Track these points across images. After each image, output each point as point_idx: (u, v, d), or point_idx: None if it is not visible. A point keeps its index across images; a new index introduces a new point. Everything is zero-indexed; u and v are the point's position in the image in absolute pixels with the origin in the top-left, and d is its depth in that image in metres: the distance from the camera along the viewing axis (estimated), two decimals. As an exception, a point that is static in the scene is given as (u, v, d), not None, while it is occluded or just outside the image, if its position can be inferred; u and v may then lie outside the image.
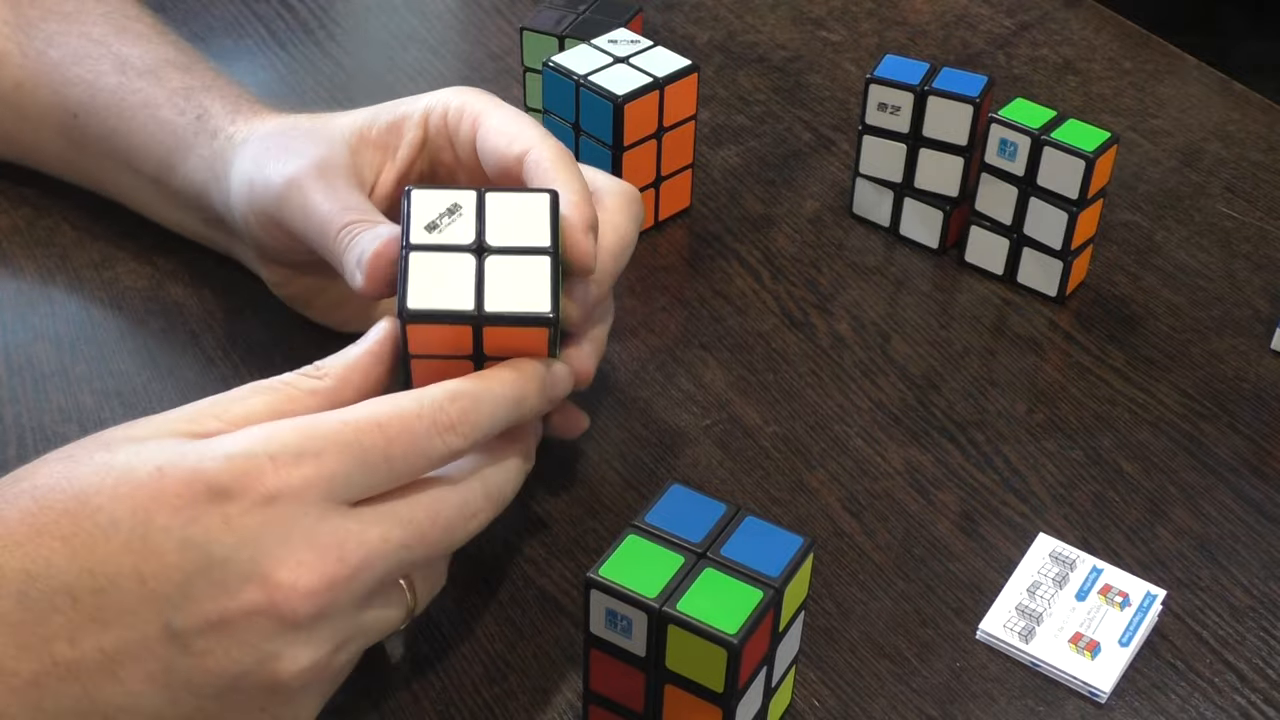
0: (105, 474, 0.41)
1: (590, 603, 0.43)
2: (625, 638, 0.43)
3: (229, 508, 0.40)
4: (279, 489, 0.41)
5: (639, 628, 0.42)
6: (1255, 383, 0.62)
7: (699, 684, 0.43)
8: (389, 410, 0.43)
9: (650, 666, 0.43)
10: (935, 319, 0.65)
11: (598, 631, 0.44)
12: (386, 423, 0.43)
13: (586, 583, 0.43)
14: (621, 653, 0.43)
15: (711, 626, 0.41)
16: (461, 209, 0.48)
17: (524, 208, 0.48)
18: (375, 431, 0.42)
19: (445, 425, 0.44)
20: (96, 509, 0.40)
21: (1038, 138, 0.63)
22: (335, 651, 0.42)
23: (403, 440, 0.43)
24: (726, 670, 0.41)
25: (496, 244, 0.47)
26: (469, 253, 0.47)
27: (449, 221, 0.47)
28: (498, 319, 0.46)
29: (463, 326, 0.46)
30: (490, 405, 0.45)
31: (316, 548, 0.41)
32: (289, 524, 0.41)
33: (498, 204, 0.48)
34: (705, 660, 0.42)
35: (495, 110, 0.54)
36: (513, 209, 0.48)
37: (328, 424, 0.42)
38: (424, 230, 0.47)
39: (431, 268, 0.46)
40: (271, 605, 0.40)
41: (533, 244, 0.47)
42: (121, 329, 0.62)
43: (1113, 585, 0.53)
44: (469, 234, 0.47)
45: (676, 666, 0.43)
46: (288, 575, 0.40)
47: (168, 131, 0.60)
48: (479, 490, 0.45)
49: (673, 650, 0.42)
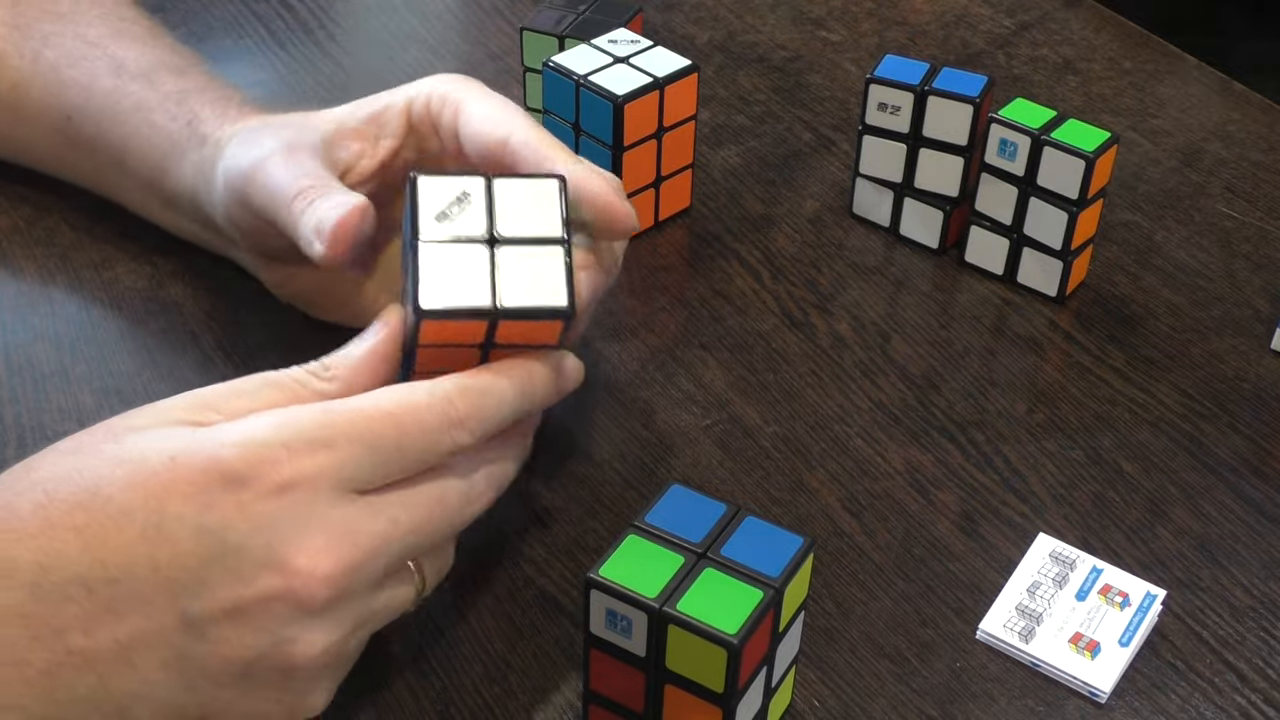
0: (116, 464, 0.41)
1: (590, 603, 0.43)
2: (625, 638, 0.43)
3: (244, 495, 0.40)
4: (294, 477, 0.41)
5: (639, 628, 0.42)
6: (1255, 383, 0.62)
7: (699, 684, 0.43)
8: (403, 403, 0.44)
9: (650, 666, 0.43)
10: (935, 319, 0.65)
11: (598, 631, 0.44)
12: (400, 415, 0.43)
13: (587, 583, 0.43)
14: (621, 653, 0.43)
15: (712, 626, 0.41)
16: (470, 197, 0.47)
17: (533, 194, 0.48)
18: (389, 423, 0.43)
19: (454, 420, 0.44)
20: (108, 499, 0.40)
21: (1038, 138, 0.63)
22: (349, 635, 0.43)
23: (414, 433, 0.43)
24: (727, 670, 0.41)
25: (508, 234, 0.47)
26: (481, 244, 0.46)
27: (459, 211, 0.47)
28: (514, 314, 0.45)
29: (478, 322, 0.46)
30: (497, 401, 0.46)
31: (331, 534, 0.41)
32: (304, 511, 0.41)
33: (506, 191, 0.48)
34: (705, 660, 0.42)
35: (477, 96, 0.54)
36: (522, 196, 0.48)
37: (342, 414, 0.43)
38: (434, 221, 0.47)
39: (442, 261, 0.46)
40: (289, 591, 0.41)
41: (545, 234, 0.47)
42: (121, 329, 0.62)
43: (1113, 585, 0.53)
44: (480, 225, 0.47)
45: (677, 666, 0.43)
46: (305, 561, 0.41)
47: (161, 136, 0.60)
48: (482, 476, 0.46)
49: (673, 650, 0.42)
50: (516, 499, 0.55)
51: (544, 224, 0.47)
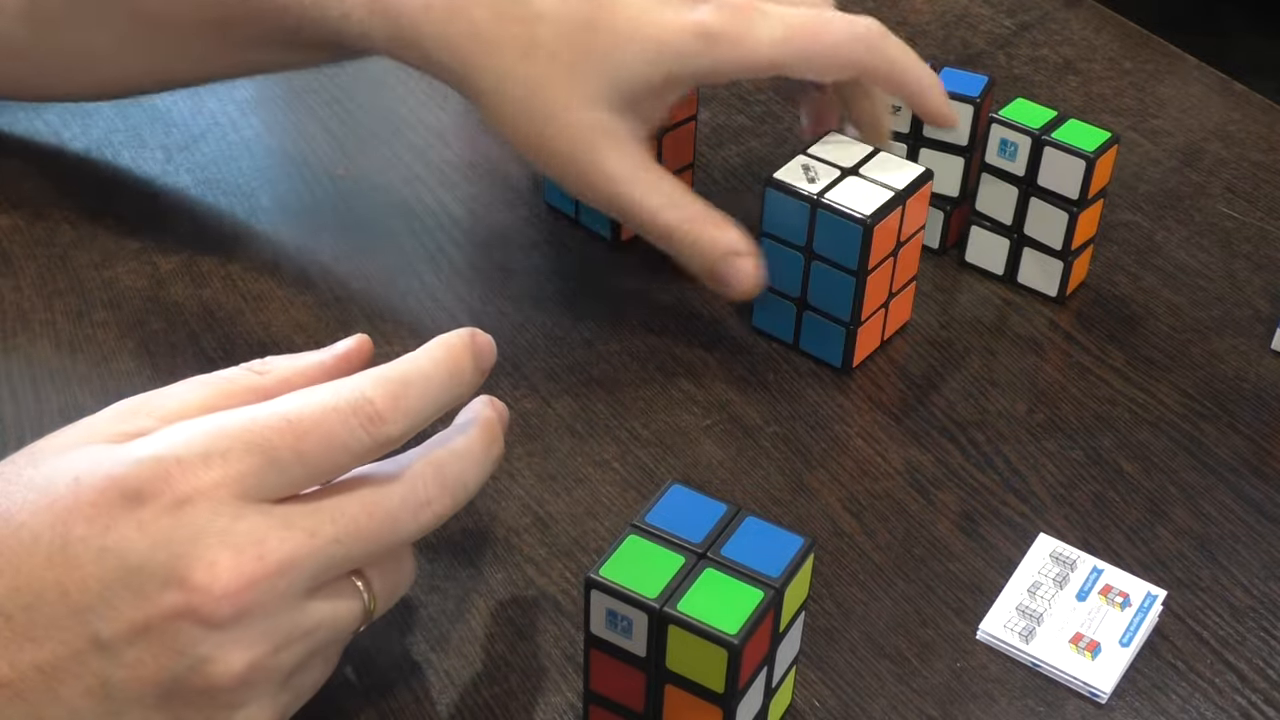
0: (28, 490, 0.40)
1: (590, 603, 0.43)
2: (625, 638, 0.43)
3: (142, 513, 0.39)
4: (189, 491, 0.40)
5: (639, 628, 0.42)
6: (1255, 383, 0.62)
7: (699, 684, 0.43)
8: (299, 405, 0.42)
9: (650, 666, 0.43)
10: (935, 319, 0.65)
11: (598, 632, 0.44)
12: (296, 418, 0.41)
13: (587, 583, 0.43)
14: (622, 653, 0.43)
15: (712, 627, 0.41)
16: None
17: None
18: (283, 428, 0.41)
19: (370, 415, 0.42)
20: (20, 525, 0.39)
21: (1038, 138, 0.63)
22: (275, 652, 0.41)
23: (315, 435, 0.41)
24: (727, 670, 0.41)
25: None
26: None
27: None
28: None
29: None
30: (421, 387, 0.43)
31: (232, 547, 0.40)
32: (202, 525, 0.40)
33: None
34: (706, 660, 0.42)
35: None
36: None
37: (235, 422, 0.41)
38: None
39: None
40: (190, 608, 0.39)
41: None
42: (121, 329, 0.62)
43: (1113, 585, 0.53)
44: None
45: (677, 667, 0.43)
46: (203, 576, 0.39)
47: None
48: (430, 478, 0.44)
49: (673, 650, 0.42)
50: (516, 500, 0.55)
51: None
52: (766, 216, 0.60)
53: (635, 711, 0.45)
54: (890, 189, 0.59)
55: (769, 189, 0.59)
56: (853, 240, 0.58)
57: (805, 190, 0.58)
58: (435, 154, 0.74)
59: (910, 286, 0.63)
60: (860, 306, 0.59)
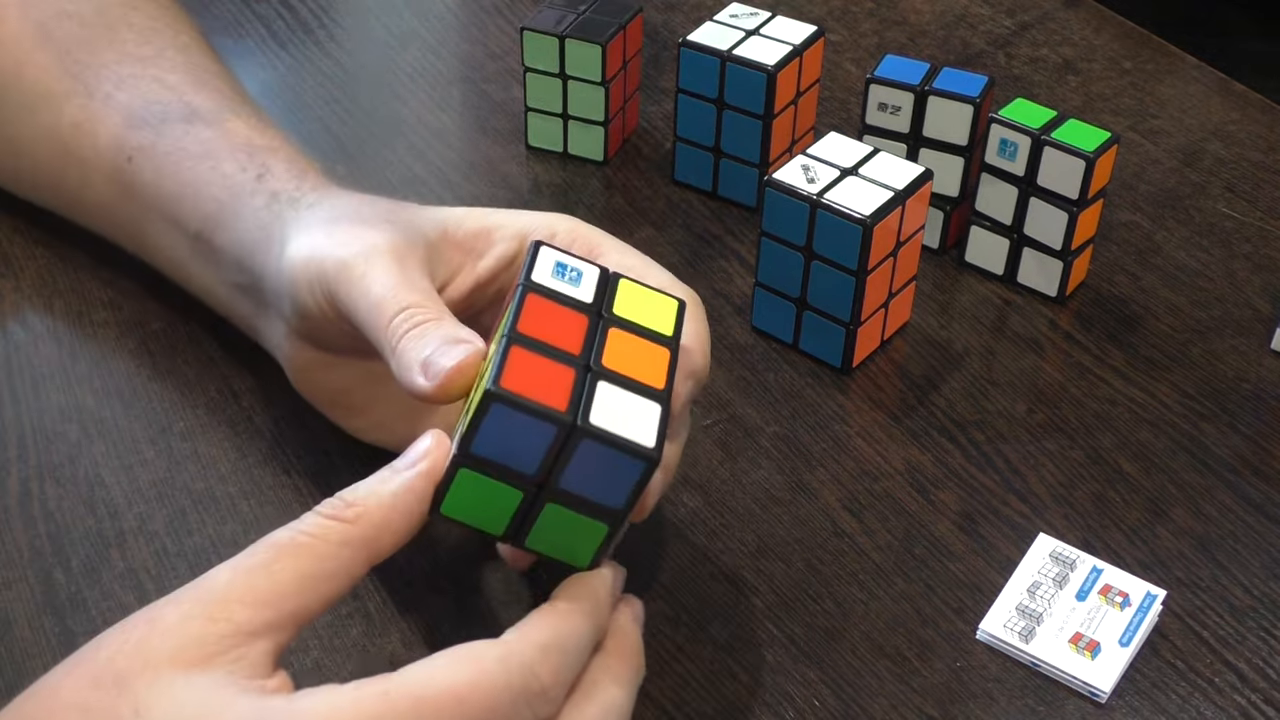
0: None
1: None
2: (574, 286, 0.44)
3: None
4: None
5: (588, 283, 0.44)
6: (1255, 383, 0.63)
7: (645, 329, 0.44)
8: (475, 682, 0.38)
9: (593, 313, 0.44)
10: (935, 319, 0.65)
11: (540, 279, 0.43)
12: (467, 697, 0.38)
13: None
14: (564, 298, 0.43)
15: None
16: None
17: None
18: (454, 709, 0.38)
19: (537, 693, 0.39)
20: None
21: (1038, 138, 0.63)
22: None
23: (485, 715, 0.38)
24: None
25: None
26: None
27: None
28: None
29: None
30: (577, 656, 0.41)
31: None
32: None
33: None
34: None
35: (614, 246, 0.50)
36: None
37: (402, 700, 0.37)
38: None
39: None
40: None
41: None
42: (121, 329, 0.62)
43: (1113, 585, 0.53)
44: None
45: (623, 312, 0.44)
46: None
47: (225, 185, 0.56)
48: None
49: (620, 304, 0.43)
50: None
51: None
52: (766, 216, 0.60)
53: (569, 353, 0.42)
54: (890, 189, 0.59)
55: (769, 189, 0.59)
56: (852, 240, 0.58)
57: (805, 190, 0.58)
58: (435, 154, 0.74)
59: (910, 286, 0.63)
60: (860, 306, 0.59)
